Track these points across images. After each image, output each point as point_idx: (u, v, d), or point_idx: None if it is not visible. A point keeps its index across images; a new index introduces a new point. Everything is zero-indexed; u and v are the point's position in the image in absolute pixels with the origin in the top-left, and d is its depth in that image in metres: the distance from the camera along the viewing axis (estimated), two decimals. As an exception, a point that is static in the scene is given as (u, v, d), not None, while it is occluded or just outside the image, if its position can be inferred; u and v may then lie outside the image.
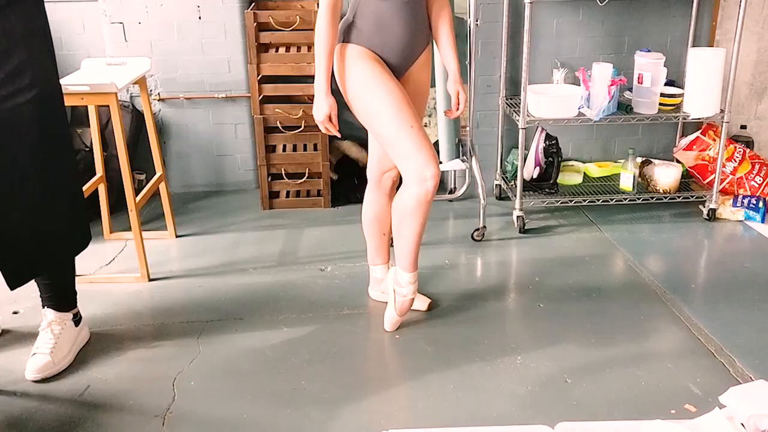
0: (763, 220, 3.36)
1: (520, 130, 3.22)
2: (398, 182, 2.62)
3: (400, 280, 2.48)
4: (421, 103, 2.50)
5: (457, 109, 2.45)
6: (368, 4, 2.24)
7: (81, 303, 2.49)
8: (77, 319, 2.44)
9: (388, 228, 2.67)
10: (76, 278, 2.46)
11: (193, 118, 3.81)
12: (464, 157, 3.48)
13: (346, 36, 2.29)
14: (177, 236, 3.36)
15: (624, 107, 3.29)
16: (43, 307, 2.40)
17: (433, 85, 3.26)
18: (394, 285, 2.52)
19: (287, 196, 3.74)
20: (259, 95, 3.51)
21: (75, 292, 2.45)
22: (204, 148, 3.86)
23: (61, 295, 2.40)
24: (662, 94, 3.27)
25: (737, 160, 3.51)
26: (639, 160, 3.53)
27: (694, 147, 3.56)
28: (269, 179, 3.64)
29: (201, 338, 2.52)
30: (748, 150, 3.58)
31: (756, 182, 3.48)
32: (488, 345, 2.46)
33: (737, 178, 3.50)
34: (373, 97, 2.25)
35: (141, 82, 3.07)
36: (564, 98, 3.21)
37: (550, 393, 2.19)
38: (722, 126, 3.28)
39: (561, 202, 3.39)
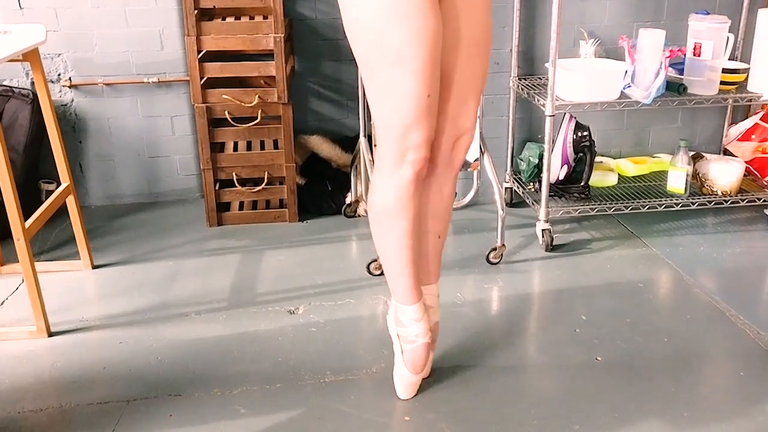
0: None
1: (547, 119, 2.46)
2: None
3: (402, 318, 1.73)
4: (477, 46, 1.59)
5: None
6: None
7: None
8: None
9: (444, 227, 1.81)
10: None
11: (117, 110, 2.95)
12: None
13: None
14: (94, 267, 2.52)
15: (675, 87, 2.56)
16: None
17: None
18: (396, 329, 1.76)
19: (240, 208, 2.91)
20: (201, 78, 2.68)
21: None
22: (132, 149, 3.01)
23: None
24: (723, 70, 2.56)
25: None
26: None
27: (753, 136, 2.86)
28: (216, 187, 2.81)
29: (119, 430, 1.70)
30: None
31: (831, 179, 2.80)
32: (539, 426, 1.69)
33: (807, 175, 2.81)
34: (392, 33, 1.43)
35: (33, 58, 2.21)
36: (606, 76, 2.46)
37: None
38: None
39: (597, 210, 2.64)
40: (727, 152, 2.99)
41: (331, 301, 2.27)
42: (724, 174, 2.67)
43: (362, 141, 2.56)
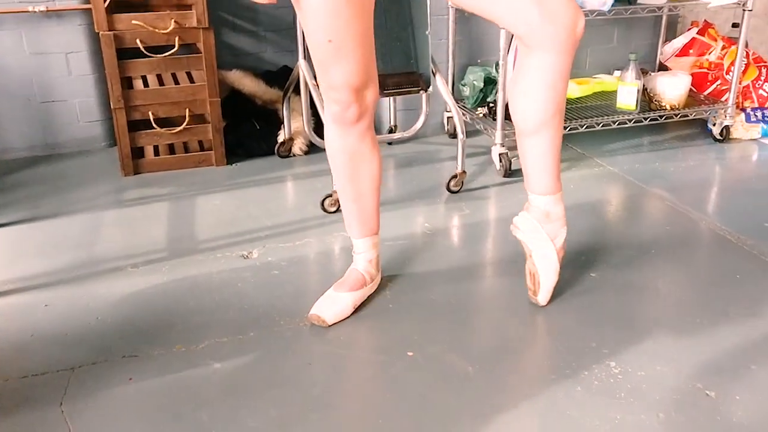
0: (784, 136, 2.71)
1: (502, 32, 2.29)
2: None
3: None
4: None
5: None
6: None
7: None
8: None
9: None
10: None
11: (-3, 47, 2.51)
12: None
13: None
14: (-8, 227, 2.13)
15: (625, -3, 2.46)
16: None
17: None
18: None
19: (156, 153, 2.56)
20: (106, 1, 2.30)
21: None
22: (19, 93, 2.57)
23: None
24: (669, -21, 2.48)
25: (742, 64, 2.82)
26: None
27: (691, 51, 2.83)
28: (129, 130, 2.44)
29: (67, 403, 1.38)
30: (751, 52, 2.89)
31: (765, 91, 2.81)
32: (556, 348, 1.54)
33: (742, 87, 2.80)
34: None
35: None
36: (560, -18, 2.31)
37: (695, 418, 1.32)
38: (744, 17, 2.54)
39: (553, 131, 2.50)
40: (663, 69, 2.94)
41: (289, 242, 2.01)
42: (671, 88, 2.60)
43: (301, 64, 2.28)
